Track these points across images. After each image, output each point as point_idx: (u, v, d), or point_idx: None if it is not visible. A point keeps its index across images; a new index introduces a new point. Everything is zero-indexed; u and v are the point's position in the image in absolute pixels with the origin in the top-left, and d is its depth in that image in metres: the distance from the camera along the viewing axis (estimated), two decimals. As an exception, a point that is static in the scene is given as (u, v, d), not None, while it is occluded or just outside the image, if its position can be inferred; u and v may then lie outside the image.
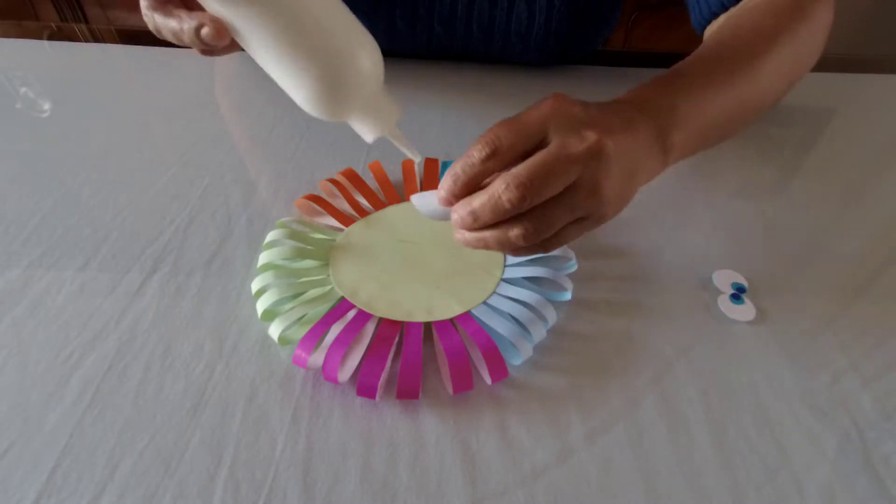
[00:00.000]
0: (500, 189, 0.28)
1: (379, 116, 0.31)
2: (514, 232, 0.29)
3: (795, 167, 0.48)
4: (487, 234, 0.30)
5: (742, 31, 0.44)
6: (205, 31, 0.29)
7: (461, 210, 0.29)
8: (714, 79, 0.39)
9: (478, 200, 0.29)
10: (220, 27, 0.29)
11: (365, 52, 0.29)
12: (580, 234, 0.30)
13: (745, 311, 0.36)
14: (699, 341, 0.34)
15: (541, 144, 0.29)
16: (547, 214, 0.28)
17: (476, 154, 0.29)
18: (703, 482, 0.28)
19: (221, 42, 0.29)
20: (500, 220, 0.29)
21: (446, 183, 0.29)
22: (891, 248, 0.41)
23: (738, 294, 0.37)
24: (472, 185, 0.29)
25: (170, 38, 0.32)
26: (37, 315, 0.35)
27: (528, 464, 0.29)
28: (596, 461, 0.29)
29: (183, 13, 0.31)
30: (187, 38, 0.31)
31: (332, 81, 0.29)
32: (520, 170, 0.28)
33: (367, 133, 0.31)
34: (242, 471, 0.28)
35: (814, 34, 0.44)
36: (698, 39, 0.45)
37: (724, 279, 0.38)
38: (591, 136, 0.28)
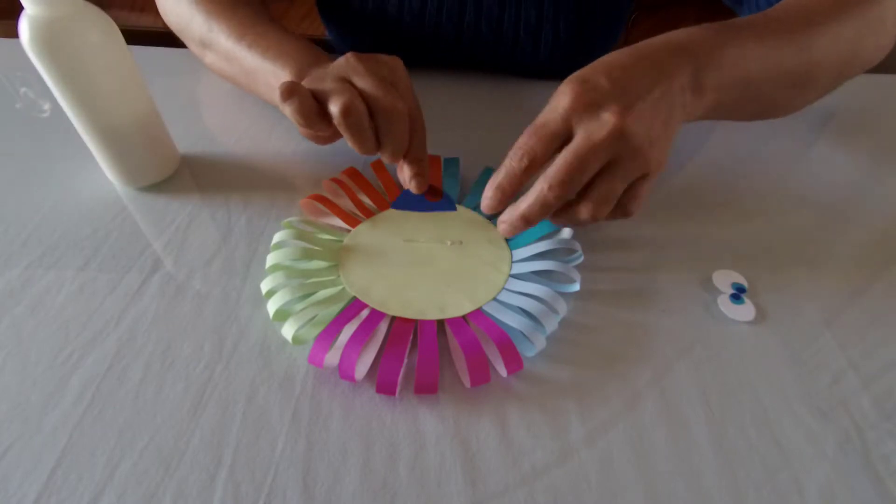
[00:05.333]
0: (543, 190, 0.32)
1: None
2: (583, 213, 0.33)
3: (795, 167, 0.48)
4: (560, 220, 0.35)
5: (804, 1, 0.43)
6: (417, 181, 0.38)
7: (510, 217, 0.34)
8: (762, 37, 0.39)
9: (525, 204, 0.33)
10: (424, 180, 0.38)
11: None
12: (649, 188, 0.33)
13: (745, 311, 0.36)
14: (699, 341, 0.34)
15: (570, 137, 0.32)
16: (602, 188, 0.32)
17: (516, 165, 0.32)
18: (703, 482, 0.28)
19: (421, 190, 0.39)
20: (548, 214, 0.33)
21: (493, 194, 0.33)
22: (891, 248, 0.41)
23: (738, 294, 0.37)
24: (514, 194, 0.33)
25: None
26: (37, 315, 0.35)
27: (528, 464, 0.29)
28: (596, 461, 0.29)
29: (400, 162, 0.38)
30: (404, 179, 0.39)
31: None
32: (555, 169, 0.31)
33: None
34: (242, 471, 0.28)
35: (883, 18, 0.43)
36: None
37: (724, 279, 0.38)
38: (610, 121, 0.30)
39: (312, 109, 0.35)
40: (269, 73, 0.43)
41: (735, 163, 0.48)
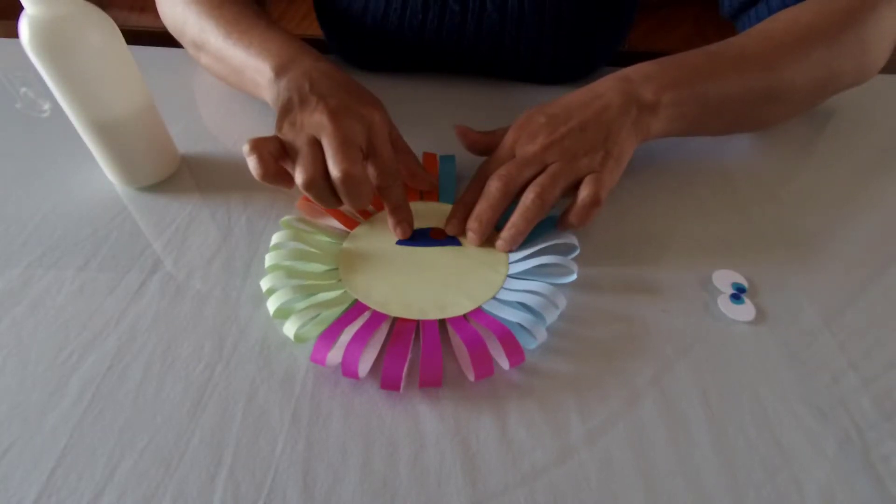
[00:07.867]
0: (488, 185, 0.39)
1: None
2: (529, 195, 0.37)
3: (795, 167, 0.48)
4: (516, 217, 0.38)
5: (776, 23, 0.44)
6: (401, 228, 0.39)
7: (472, 226, 0.38)
8: (723, 56, 0.42)
9: (477, 209, 0.39)
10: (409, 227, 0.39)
11: None
12: (600, 184, 0.38)
13: (745, 311, 0.36)
14: (699, 341, 0.34)
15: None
16: (540, 180, 0.38)
17: (474, 188, 0.40)
18: (703, 482, 0.28)
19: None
20: (499, 206, 0.38)
21: (473, 225, 0.39)
22: (891, 249, 0.41)
23: (738, 294, 0.37)
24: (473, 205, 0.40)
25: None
26: (37, 315, 0.35)
27: (528, 463, 0.29)
28: (596, 461, 0.29)
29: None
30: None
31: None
32: (496, 175, 0.39)
33: None
34: (242, 471, 0.28)
35: (864, 40, 0.43)
36: (698, 40, 0.45)
37: (724, 279, 0.38)
38: (538, 142, 0.39)
39: (270, 170, 0.36)
40: (252, 69, 0.43)
41: (735, 163, 0.48)
